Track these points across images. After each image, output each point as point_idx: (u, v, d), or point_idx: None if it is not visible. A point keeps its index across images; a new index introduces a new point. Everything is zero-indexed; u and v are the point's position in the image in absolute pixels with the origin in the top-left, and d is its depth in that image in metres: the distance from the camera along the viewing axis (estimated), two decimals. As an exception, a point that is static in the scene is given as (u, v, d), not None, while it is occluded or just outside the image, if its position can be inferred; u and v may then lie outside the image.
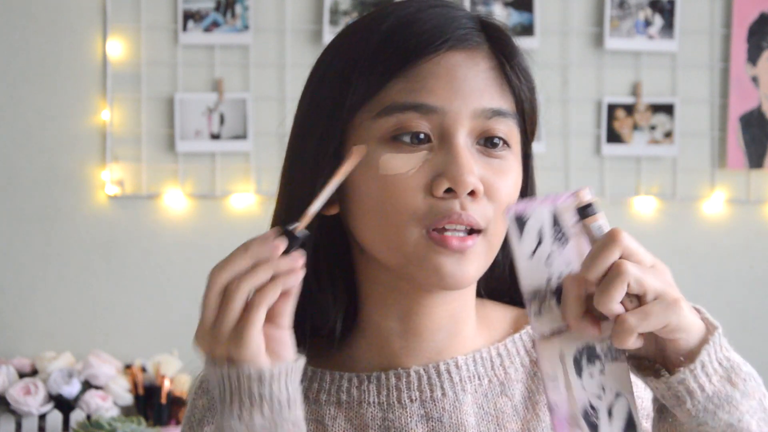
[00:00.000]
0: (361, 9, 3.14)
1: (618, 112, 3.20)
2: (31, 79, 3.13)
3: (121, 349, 3.10)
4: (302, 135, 1.07)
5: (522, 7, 3.17)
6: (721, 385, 0.93)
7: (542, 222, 0.90)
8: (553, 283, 0.91)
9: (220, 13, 3.14)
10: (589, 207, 0.89)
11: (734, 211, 3.26)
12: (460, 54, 1.02)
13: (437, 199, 0.99)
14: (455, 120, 1.00)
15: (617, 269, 0.88)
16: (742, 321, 3.19)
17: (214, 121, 3.14)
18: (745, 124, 3.23)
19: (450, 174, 0.98)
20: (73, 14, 3.14)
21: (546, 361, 0.91)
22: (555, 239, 0.90)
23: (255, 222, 3.22)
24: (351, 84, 1.01)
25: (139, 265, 3.15)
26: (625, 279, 0.88)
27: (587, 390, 0.91)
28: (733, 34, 3.23)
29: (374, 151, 1.00)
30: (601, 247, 0.89)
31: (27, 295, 3.14)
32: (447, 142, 1.00)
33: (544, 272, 0.91)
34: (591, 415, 0.91)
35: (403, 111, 1.00)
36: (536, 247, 0.90)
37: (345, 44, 1.06)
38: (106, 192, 3.14)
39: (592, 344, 0.91)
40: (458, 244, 0.99)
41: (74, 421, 2.86)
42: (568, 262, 0.91)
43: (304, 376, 1.08)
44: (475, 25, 1.04)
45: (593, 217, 0.90)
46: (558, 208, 0.91)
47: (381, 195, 1.00)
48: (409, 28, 1.02)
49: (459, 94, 1.00)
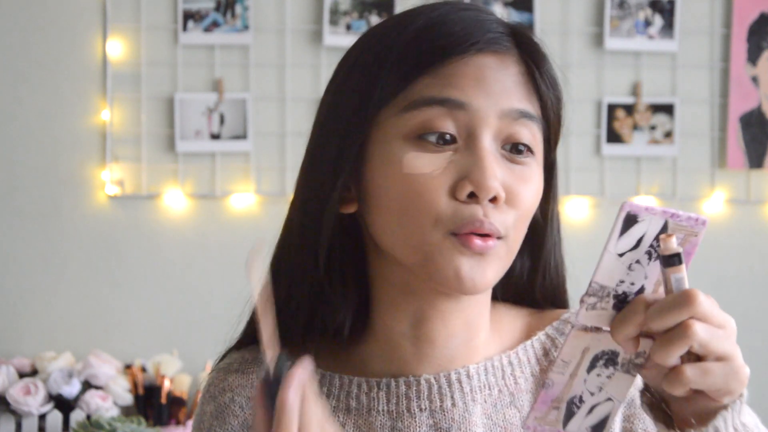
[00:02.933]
0: (361, 9, 3.14)
1: (618, 112, 3.20)
2: (31, 79, 3.13)
3: (121, 349, 3.10)
4: (325, 131, 1.05)
5: (522, 7, 3.17)
6: None
7: (648, 230, 0.87)
8: (622, 288, 0.89)
9: (220, 13, 3.14)
10: (675, 257, 0.86)
11: (734, 211, 3.26)
12: (490, 57, 1.01)
13: (460, 203, 0.98)
14: (482, 118, 0.99)
15: (685, 330, 0.85)
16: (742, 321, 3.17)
17: (214, 121, 3.14)
18: (745, 124, 3.23)
19: (474, 178, 0.97)
20: (73, 14, 3.14)
21: (570, 348, 0.90)
22: (649, 251, 0.88)
23: (255, 222, 3.24)
24: (378, 80, 1.00)
25: (139, 265, 3.15)
26: (690, 342, 0.85)
27: (586, 384, 0.91)
28: (733, 34, 3.23)
29: (399, 148, 0.99)
30: (673, 304, 0.85)
31: (27, 295, 3.14)
32: (472, 143, 0.99)
33: (622, 275, 0.88)
34: (574, 404, 0.92)
35: (431, 105, 0.99)
36: (629, 250, 0.88)
37: (373, 42, 1.05)
38: (106, 192, 3.14)
39: (617, 352, 0.91)
40: (480, 245, 0.98)
41: (74, 421, 2.86)
42: (647, 276, 0.89)
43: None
44: (504, 30, 1.03)
45: (677, 267, 0.86)
46: (671, 225, 0.88)
47: (404, 194, 0.99)
48: (440, 28, 1.01)
49: (487, 92, 0.99)
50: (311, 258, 1.04)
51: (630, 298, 0.88)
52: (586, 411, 0.92)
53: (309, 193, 1.05)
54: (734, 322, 0.88)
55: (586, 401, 0.92)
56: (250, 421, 1.06)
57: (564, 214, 3.15)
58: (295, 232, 1.06)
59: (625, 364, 0.91)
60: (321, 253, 1.04)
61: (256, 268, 0.88)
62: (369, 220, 1.03)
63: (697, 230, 0.88)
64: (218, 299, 2.98)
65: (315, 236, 1.04)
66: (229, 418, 1.07)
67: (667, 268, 0.86)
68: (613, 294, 0.88)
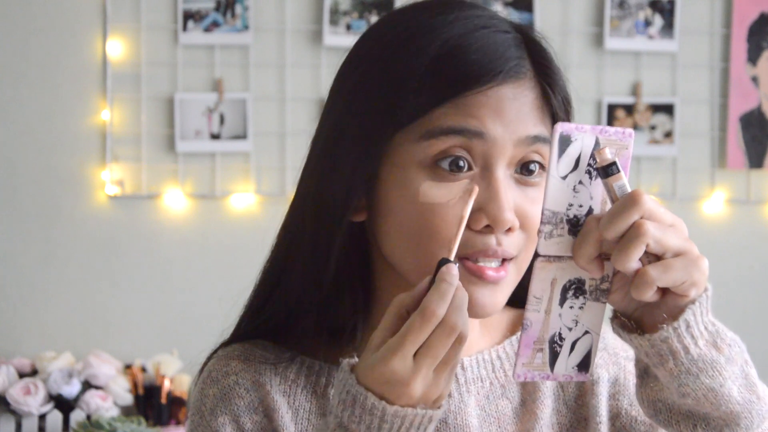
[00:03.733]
0: (361, 9, 3.14)
1: (618, 112, 3.20)
2: (31, 79, 3.13)
3: (121, 349, 3.10)
4: (341, 145, 1.05)
5: (522, 7, 3.17)
6: (707, 350, 0.93)
7: (582, 149, 0.91)
8: (572, 212, 0.92)
9: (220, 13, 3.14)
10: (612, 166, 0.90)
11: (734, 211, 3.26)
12: (509, 86, 1.01)
13: (475, 233, 0.99)
14: (499, 148, 1.00)
15: (637, 230, 0.88)
16: (743, 321, 3.19)
17: (214, 121, 3.14)
18: (745, 124, 3.23)
19: (490, 212, 0.98)
20: (73, 14, 3.14)
21: (538, 281, 0.93)
22: (588, 169, 0.92)
23: (255, 222, 3.24)
24: (397, 105, 1.00)
25: (139, 265, 3.15)
26: (645, 240, 0.88)
27: (562, 319, 0.94)
28: (733, 34, 3.23)
29: (416, 175, 1.00)
30: (621, 208, 0.89)
31: (27, 295, 3.14)
32: (488, 174, 1.00)
33: (569, 198, 0.92)
34: (556, 343, 0.94)
35: (448, 135, 0.99)
36: (569, 172, 0.91)
37: (389, 58, 1.03)
38: (106, 192, 3.14)
39: (583, 279, 0.94)
40: (493, 276, 1.00)
41: (74, 421, 2.86)
42: (593, 197, 0.92)
43: (311, 370, 1.10)
44: (521, 53, 1.03)
45: (616, 176, 0.90)
46: (602, 140, 0.92)
47: (418, 221, 1.00)
48: (459, 56, 1.01)
49: (504, 121, 1.00)
50: (322, 266, 1.05)
51: (582, 221, 0.92)
52: (568, 349, 0.95)
53: (320, 200, 1.05)
54: (683, 223, 0.92)
55: (565, 338, 0.94)
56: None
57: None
58: (306, 241, 1.07)
59: (594, 291, 0.94)
60: (332, 262, 1.05)
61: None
62: (379, 233, 1.05)
63: (626, 142, 0.92)
64: (218, 299, 2.98)
65: (327, 247, 1.05)
66: (234, 399, 1.08)
67: (608, 179, 0.90)
68: (566, 219, 0.92)
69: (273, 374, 1.08)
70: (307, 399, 1.08)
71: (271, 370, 1.08)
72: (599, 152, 0.91)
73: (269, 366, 1.08)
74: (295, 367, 1.09)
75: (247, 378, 1.08)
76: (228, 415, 1.07)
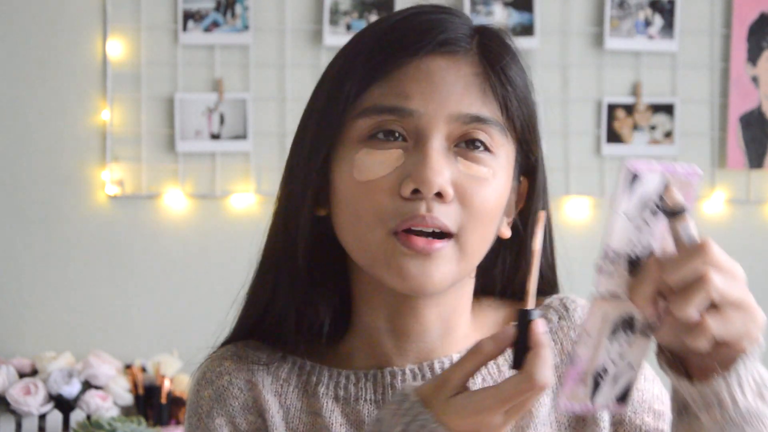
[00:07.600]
0: (361, 9, 3.14)
1: (618, 112, 3.20)
2: (31, 79, 3.13)
3: (121, 349, 3.10)
4: (300, 136, 1.08)
5: (522, 7, 3.17)
6: (753, 401, 0.91)
7: (649, 188, 0.88)
8: (634, 251, 0.90)
9: (220, 13, 3.14)
10: (682, 209, 0.88)
11: (734, 211, 3.26)
12: (442, 58, 1.01)
13: (404, 200, 0.99)
14: (429, 123, 0.99)
15: (702, 281, 0.86)
16: (742, 321, 3.19)
17: (214, 121, 3.15)
18: (745, 124, 3.23)
19: (416, 174, 0.98)
20: (73, 14, 3.14)
21: (592, 318, 0.90)
22: (653, 209, 0.89)
23: (255, 222, 3.22)
24: (343, 86, 1.02)
25: (139, 265, 3.15)
26: (710, 292, 0.86)
27: (609, 354, 0.92)
28: (733, 34, 3.23)
29: (355, 150, 1.01)
30: (688, 256, 0.87)
31: (27, 295, 3.14)
32: (420, 145, 1.00)
33: (632, 237, 0.89)
34: (599, 376, 0.92)
35: (381, 113, 1.00)
36: (635, 210, 0.89)
37: (345, 47, 1.07)
38: (106, 192, 3.14)
39: (633, 316, 0.91)
40: (424, 246, 0.98)
41: (74, 421, 2.86)
42: (654, 236, 0.90)
43: (302, 370, 1.10)
44: (466, 31, 1.03)
45: (683, 217, 0.88)
46: (670, 179, 0.89)
47: (353, 196, 1.01)
48: (397, 32, 1.02)
49: (435, 97, 1.00)
50: (292, 263, 1.06)
51: (641, 260, 0.89)
52: (611, 381, 0.93)
53: (286, 196, 1.08)
54: (742, 270, 0.91)
55: (609, 371, 0.92)
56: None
57: (564, 214, 3.15)
58: (277, 235, 1.09)
59: (642, 327, 0.92)
60: (299, 255, 1.06)
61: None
62: (336, 224, 1.05)
63: (693, 181, 0.90)
64: (218, 299, 2.98)
65: (293, 239, 1.06)
66: (229, 400, 1.08)
67: (674, 221, 0.88)
68: (627, 258, 0.89)
69: (265, 374, 1.09)
70: (298, 398, 1.09)
71: (263, 369, 1.09)
72: (669, 193, 0.88)
73: (261, 366, 1.09)
74: (286, 367, 1.10)
75: (241, 378, 1.09)
76: (224, 417, 1.08)
